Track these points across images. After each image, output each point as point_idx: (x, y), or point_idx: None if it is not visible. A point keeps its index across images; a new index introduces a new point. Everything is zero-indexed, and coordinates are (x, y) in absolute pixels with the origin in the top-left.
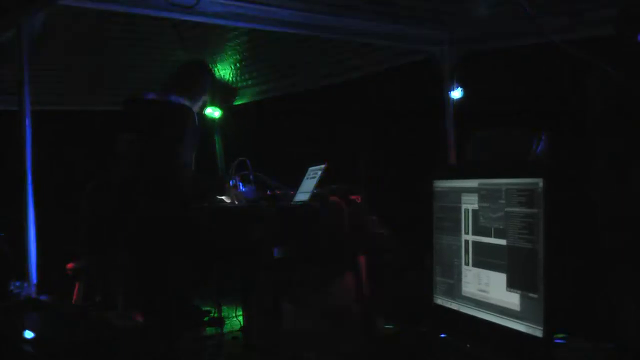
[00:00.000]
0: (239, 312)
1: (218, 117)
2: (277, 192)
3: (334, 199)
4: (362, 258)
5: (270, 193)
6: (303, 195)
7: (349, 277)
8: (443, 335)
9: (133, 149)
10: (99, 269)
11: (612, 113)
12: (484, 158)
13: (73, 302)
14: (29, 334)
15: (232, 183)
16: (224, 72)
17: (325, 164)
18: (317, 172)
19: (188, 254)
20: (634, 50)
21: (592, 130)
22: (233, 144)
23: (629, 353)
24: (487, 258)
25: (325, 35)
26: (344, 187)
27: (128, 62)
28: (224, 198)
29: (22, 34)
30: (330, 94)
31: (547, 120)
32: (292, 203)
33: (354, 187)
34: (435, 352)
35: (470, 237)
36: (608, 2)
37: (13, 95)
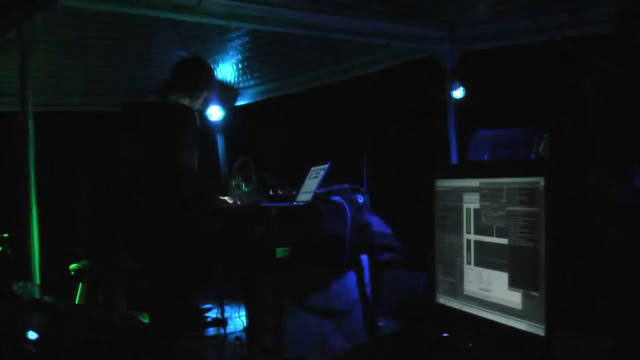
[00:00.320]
0: (242, 312)
1: (220, 117)
2: (279, 192)
3: (336, 199)
4: (364, 258)
5: (273, 193)
6: (305, 195)
7: (352, 276)
8: (445, 334)
9: (134, 150)
10: (101, 270)
11: (612, 112)
12: (485, 157)
13: (75, 302)
14: (32, 334)
15: (234, 183)
16: (226, 72)
17: (328, 164)
18: (319, 171)
19: (190, 254)
20: (634, 49)
21: (592, 129)
22: (235, 144)
23: (631, 351)
24: (488, 257)
25: (327, 35)
26: (346, 186)
27: (129, 62)
28: (226, 198)
29: (22, 35)
30: (332, 94)
31: (548, 119)
32: (294, 203)
33: (356, 186)
34: (437, 351)
35: (472, 236)
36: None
37: (14, 97)
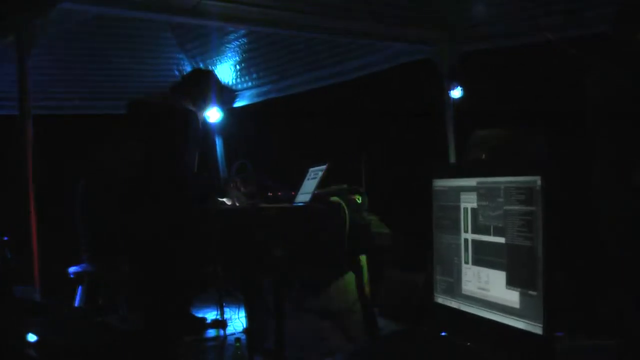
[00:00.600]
0: (242, 313)
1: (219, 119)
2: (278, 193)
3: (335, 200)
4: (363, 258)
5: (272, 194)
6: (304, 197)
7: (350, 277)
8: (443, 334)
9: (134, 150)
10: (101, 273)
11: (611, 112)
12: (483, 157)
13: (75, 305)
14: (32, 337)
15: (233, 185)
16: (225, 73)
17: (327, 165)
18: (318, 172)
19: (190, 256)
20: (633, 49)
21: (591, 129)
22: (234, 146)
23: (631, 351)
24: (486, 256)
25: (325, 37)
26: (345, 187)
27: (128, 65)
28: (225, 200)
29: (21, 38)
30: (330, 95)
31: (545, 119)
32: (293, 204)
33: (355, 187)
34: (436, 350)
35: (470, 235)
36: (605, 0)
37: (13, 100)
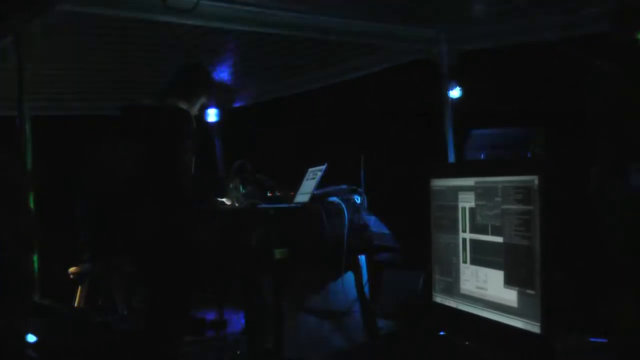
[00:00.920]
0: (241, 314)
1: (217, 119)
2: (277, 193)
3: (334, 200)
4: (362, 258)
5: (270, 194)
6: (303, 197)
7: (350, 276)
8: (442, 333)
9: (132, 154)
10: (101, 273)
11: (611, 111)
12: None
13: (74, 305)
14: (32, 338)
15: (232, 185)
16: (223, 74)
17: (325, 165)
18: (316, 173)
19: (189, 257)
20: (632, 48)
21: (591, 129)
22: (233, 146)
23: (628, 349)
24: (484, 256)
25: (324, 37)
26: (344, 187)
27: (126, 66)
28: (224, 200)
29: (20, 40)
30: (329, 95)
31: (544, 119)
32: (292, 204)
33: (354, 187)
34: (435, 349)
35: (468, 235)
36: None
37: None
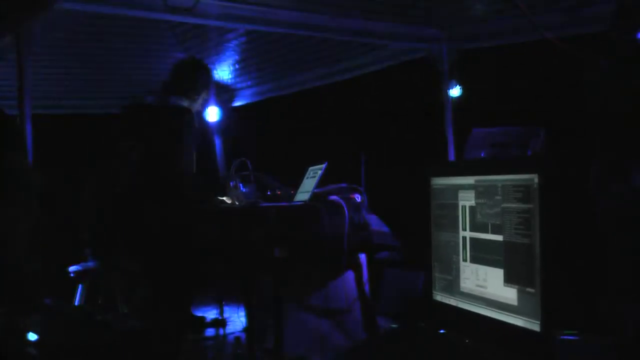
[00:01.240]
0: (241, 312)
1: (218, 118)
2: (277, 192)
3: (334, 198)
4: (362, 256)
5: (271, 193)
6: (303, 195)
7: (350, 275)
8: (442, 331)
9: (133, 153)
10: (101, 272)
11: (611, 111)
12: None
13: (75, 304)
14: (32, 336)
15: (232, 184)
16: (223, 73)
17: (326, 164)
18: (317, 171)
19: (189, 255)
20: (632, 48)
21: (591, 129)
22: (233, 145)
23: (628, 348)
24: (484, 254)
25: (324, 36)
26: (344, 186)
27: (127, 64)
28: (225, 199)
29: (20, 38)
30: (329, 94)
31: (544, 118)
32: (292, 203)
33: (354, 186)
34: (435, 347)
35: (468, 233)
36: None
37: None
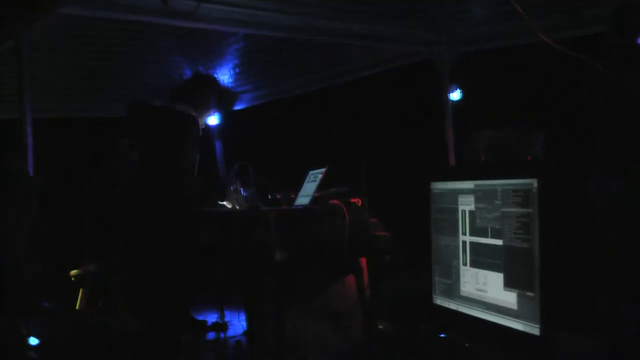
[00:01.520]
0: (242, 316)
1: (218, 122)
2: (277, 196)
3: (335, 202)
4: (363, 260)
5: (271, 197)
6: (304, 199)
7: (351, 279)
8: (442, 335)
9: (134, 153)
10: (102, 275)
11: (611, 112)
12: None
13: (76, 308)
14: (34, 340)
15: (233, 188)
16: (224, 76)
17: (326, 168)
18: (317, 175)
19: (190, 259)
20: (631, 48)
21: (590, 130)
22: (233, 148)
23: (627, 349)
24: (484, 258)
25: (324, 39)
26: (344, 190)
27: (126, 68)
28: (225, 203)
29: (20, 42)
30: (329, 97)
31: (545, 120)
32: (293, 207)
33: (354, 189)
34: (435, 351)
35: (468, 237)
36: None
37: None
